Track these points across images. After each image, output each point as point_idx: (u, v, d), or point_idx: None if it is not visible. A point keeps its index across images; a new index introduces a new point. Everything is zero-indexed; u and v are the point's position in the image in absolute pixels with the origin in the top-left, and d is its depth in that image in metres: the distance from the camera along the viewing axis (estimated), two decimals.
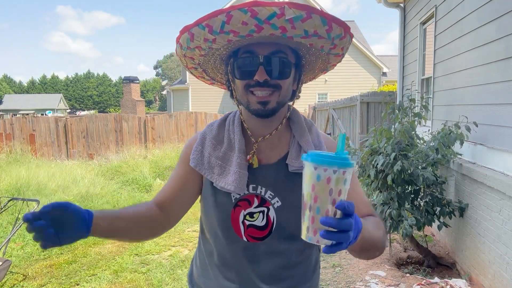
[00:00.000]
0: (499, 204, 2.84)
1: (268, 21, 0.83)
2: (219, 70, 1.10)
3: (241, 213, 1.02)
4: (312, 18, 0.84)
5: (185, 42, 0.94)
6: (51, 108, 42.22)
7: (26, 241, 4.54)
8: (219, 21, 0.84)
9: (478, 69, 3.43)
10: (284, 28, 0.85)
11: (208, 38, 0.89)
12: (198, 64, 1.05)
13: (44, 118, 10.98)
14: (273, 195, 1.02)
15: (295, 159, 1.03)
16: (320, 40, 0.91)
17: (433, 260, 3.65)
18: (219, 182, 1.02)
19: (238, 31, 0.86)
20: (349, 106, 8.17)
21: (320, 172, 0.67)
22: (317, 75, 1.16)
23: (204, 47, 0.94)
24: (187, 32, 0.91)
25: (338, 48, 0.96)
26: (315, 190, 0.68)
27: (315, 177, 0.68)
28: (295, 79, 1.04)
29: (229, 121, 1.10)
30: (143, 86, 57.67)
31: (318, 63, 1.07)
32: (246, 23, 0.83)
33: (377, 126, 3.73)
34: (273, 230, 1.02)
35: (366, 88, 16.06)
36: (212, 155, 1.05)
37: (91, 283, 3.50)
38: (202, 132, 1.10)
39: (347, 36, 0.93)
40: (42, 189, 6.05)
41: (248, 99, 0.98)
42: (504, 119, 2.96)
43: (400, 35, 6.48)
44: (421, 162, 3.48)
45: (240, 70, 0.98)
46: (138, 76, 17.82)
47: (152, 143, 11.33)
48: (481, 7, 3.35)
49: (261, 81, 0.94)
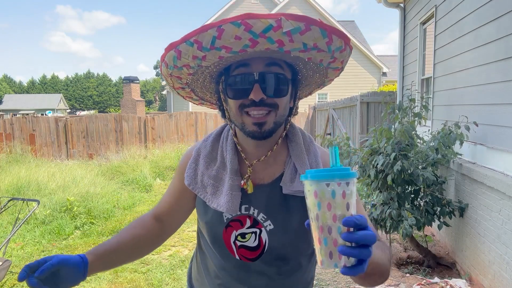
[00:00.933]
0: (499, 204, 2.84)
1: (263, 35, 0.76)
2: (209, 89, 1.03)
3: (232, 233, 0.99)
4: (311, 30, 0.78)
5: (172, 61, 0.86)
6: (51, 108, 42.22)
7: (26, 241, 4.54)
8: (209, 36, 0.77)
9: (478, 69, 3.43)
10: (281, 41, 0.78)
11: (197, 55, 0.82)
12: (186, 83, 0.97)
13: (44, 118, 10.98)
14: (265, 218, 0.98)
15: (290, 182, 0.97)
16: (320, 54, 0.85)
17: (433, 260, 3.65)
18: (211, 203, 0.99)
19: (231, 46, 0.79)
20: (349, 106, 8.17)
21: (335, 187, 0.62)
22: (314, 90, 1.10)
23: (192, 65, 0.86)
24: (174, 49, 0.83)
25: (337, 61, 0.91)
26: (332, 208, 0.62)
27: (329, 195, 0.62)
28: (292, 96, 0.97)
29: (224, 136, 1.05)
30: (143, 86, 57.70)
31: (315, 77, 1.01)
32: (240, 37, 0.76)
33: (377, 126, 3.73)
34: (264, 252, 0.99)
35: (366, 88, 16.06)
36: (205, 174, 1.02)
37: (91, 283, 3.50)
38: (197, 148, 1.06)
39: (347, 49, 0.88)
40: (42, 189, 6.05)
41: (243, 120, 0.92)
42: (504, 119, 2.96)
43: (400, 35, 6.48)
44: (421, 162, 3.48)
45: (233, 89, 0.90)
46: (138, 76, 17.84)
47: (152, 143, 11.33)
48: (481, 7, 3.35)
49: (257, 101, 0.87)
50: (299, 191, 0.96)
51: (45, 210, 5.21)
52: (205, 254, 1.10)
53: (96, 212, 5.42)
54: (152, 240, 1.11)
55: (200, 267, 1.13)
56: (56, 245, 4.46)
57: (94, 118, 11.22)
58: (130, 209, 5.94)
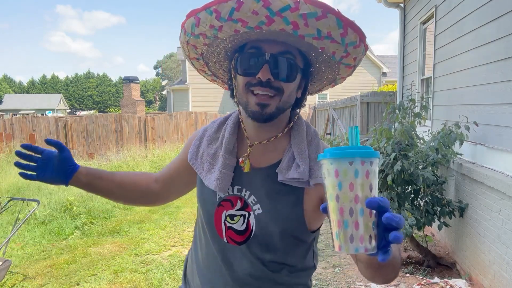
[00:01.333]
0: (499, 204, 2.85)
1: (280, 14, 0.78)
2: (222, 66, 1.05)
3: (223, 213, 1.00)
4: (327, 18, 0.79)
5: (190, 28, 0.89)
6: (51, 108, 42.23)
7: (26, 241, 4.54)
8: (228, 7, 0.80)
9: (478, 69, 3.43)
10: (296, 24, 0.79)
11: (214, 25, 0.84)
12: (201, 54, 1.00)
13: (44, 118, 10.98)
14: (255, 201, 0.98)
15: (286, 170, 0.95)
16: (333, 45, 0.85)
17: (433, 260, 3.65)
18: (205, 180, 1.02)
19: (247, 20, 0.81)
20: (349, 106, 8.17)
21: (358, 166, 0.57)
22: (325, 86, 1.10)
23: (209, 35, 0.88)
24: (194, 16, 0.86)
25: (350, 57, 0.90)
26: (354, 189, 0.58)
27: (352, 173, 0.57)
28: (300, 86, 0.98)
29: (230, 119, 1.08)
30: (143, 86, 57.70)
31: (327, 72, 1.01)
32: (257, 12, 0.78)
33: (377, 126, 3.73)
34: (251, 237, 0.98)
35: (366, 88, 16.07)
36: (205, 152, 1.05)
37: (91, 283, 3.50)
38: (205, 127, 1.11)
39: (362, 46, 0.87)
40: (42, 189, 6.05)
41: (247, 98, 0.93)
42: (504, 119, 2.96)
43: (400, 35, 6.49)
44: (421, 162, 3.48)
45: (243, 66, 0.92)
46: (138, 76, 17.86)
47: (152, 143, 11.34)
48: (481, 7, 3.35)
49: (263, 80, 0.89)
50: (293, 180, 0.94)
51: (45, 210, 5.21)
52: (197, 240, 1.11)
53: (96, 212, 5.43)
54: (146, 196, 1.18)
55: (193, 255, 1.14)
56: (56, 245, 4.46)
57: (94, 118, 11.22)
58: (130, 209, 5.94)
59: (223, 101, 20.50)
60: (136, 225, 5.17)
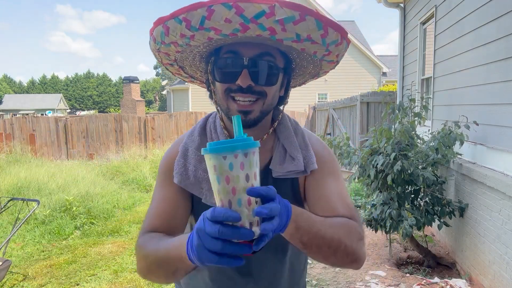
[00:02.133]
0: (499, 204, 2.84)
1: (255, 20, 0.72)
2: (199, 68, 0.99)
3: None
4: (306, 20, 0.74)
5: (159, 36, 0.82)
6: (51, 108, 42.23)
7: (26, 241, 4.54)
8: (198, 16, 0.73)
9: (478, 69, 3.43)
10: (273, 29, 0.74)
11: (185, 34, 0.78)
12: (175, 60, 0.93)
13: (44, 118, 10.98)
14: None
15: (279, 164, 0.94)
16: (314, 46, 0.82)
17: (433, 260, 3.65)
18: (209, 198, 0.91)
19: (220, 29, 0.75)
20: (349, 106, 8.17)
21: (231, 159, 0.59)
22: (308, 80, 1.06)
23: (180, 43, 0.82)
24: (162, 25, 0.79)
25: (332, 55, 0.87)
26: (230, 181, 0.59)
27: (226, 167, 0.59)
28: (283, 85, 0.94)
29: (210, 127, 0.99)
30: (143, 86, 57.70)
31: (309, 68, 0.97)
32: (230, 20, 0.72)
33: (377, 126, 3.73)
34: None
35: (366, 88, 16.06)
36: (198, 168, 0.93)
37: (91, 283, 3.50)
38: (184, 143, 0.97)
39: (344, 43, 0.84)
40: (42, 189, 6.05)
41: (228, 105, 0.88)
42: (504, 119, 2.96)
43: (400, 35, 6.48)
44: (421, 162, 3.48)
45: (221, 72, 0.86)
46: (138, 76, 17.85)
47: (152, 143, 11.33)
48: (481, 7, 3.35)
49: (244, 87, 0.83)
50: (290, 172, 0.94)
51: (45, 210, 5.21)
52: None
53: (96, 212, 5.43)
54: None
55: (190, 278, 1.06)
56: (56, 245, 4.46)
57: (94, 118, 11.22)
58: (130, 209, 5.94)
59: None
60: (136, 225, 5.16)
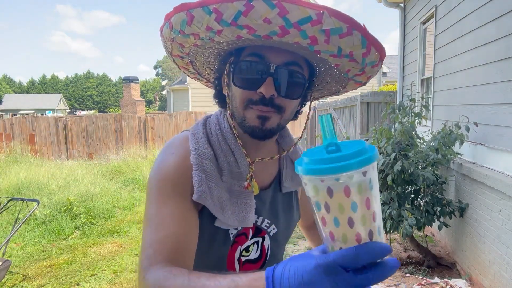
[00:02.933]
0: (499, 204, 2.84)
1: (298, 26, 0.63)
2: (211, 65, 0.89)
3: (237, 249, 0.87)
4: (352, 35, 0.66)
5: (179, 24, 0.70)
6: (51, 108, 42.23)
7: (26, 241, 4.54)
8: (233, 9, 0.63)
9: (478, 69, 3.43)
10: (316, 39, 0.65)
11: (212, 27, 0.67)
12: (187, 54, 0.82)
13: (44, 118, 10.98)
14: (269, 223, 0.90)
15: (292, 180, 0.91)
16: (350, 64, 0.73)
17: (433, 260, 3.65)
18: (227, 220, 0.80)
19: (256, 28, 0.65)
20: (349, 106, 8.16)
21: (371, 173, 0.45)
22: (322, 97, 0.98)
23: (202, 36, 0.71)
24: (185, 12, 0.68)
25: (364, 76, 0.79)
26: (371, 205, 0.46)
27: (367, 186, 0.45)
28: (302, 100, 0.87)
29: (218, 137, 0.85)
30: (143, 86, 57.69)
31: (332, 84, 0.88)
32: (270, 21, 0.63)
33: (377, 126, 3.73)
34: (267, 260, 0.92)
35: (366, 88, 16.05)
36: (218, 186, 0.80)
37: (91, 283, 3.49)
38: (195, 155, 0.80)
39: (379, 65, 0.76)
40: (42, 189, 6.05)
41: (245, 114, 0.78)
42: (504, 119, 2.96)
43: (400, 35, 6.49)
44: (421, 162, 3.48)
45: (242, 77, 0.77)
46: (138, 76, 17.83)
47: (152, 143, 11.33)
48: (481, 7, 3.35)
49: (267, 97, 0.74)
50: (298, 185, 0.95)
51: (45, 210, 5.20)
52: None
53: (96, 212, 5.42)
54: None
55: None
56: (56, 245, 4.46)
57: (94, 118, 11.22)
58: (130, 209, 5.94)
59: None
60: (136, 225, 5.16)
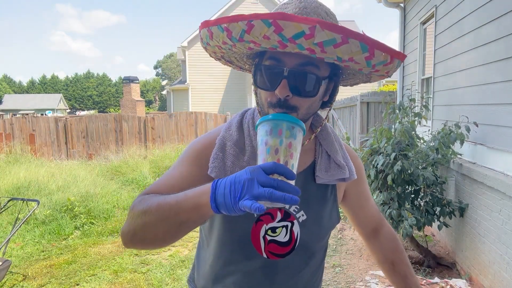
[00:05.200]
0: (499, 204, 2.84)
1: (293, 41, 0.70)
2: (246, 62, 0.98)
3: (262, 227, 0.93)
4: (348, 43, 0.70)
5: (205, 38, 0.84)
6: (51, 108, 42.23)
7: (26, 241, 4.54)
8: (239, 28, 0.74)
9: (478, 69, 3.43)
10: (313, 50, 0.72)
11: (227, 42, 0.79)
12: (222, 57, 0.94)
13: (44, 118, 10.98)
14: (298, 209, 0.94)
15: (326, 171, 0.95)
16: (358, 65, 0.78)
17: (433, 260, 3.65)
18: None
19: (259, 43, 0.75)
20: (349, 106, 8.16)
21: (295, 130, 0.71)
22: (359, 83, 1.01)
23: (223, 47, 0.83)
24: (207, 28, 0.81)
25: (381, 72, 0.83)
26: (292, 147, 0.70)
27: (290, 135, 0.70)
28: (327, 91, 0.91)
29: (248, 124, 0.96)
30: (143, 86, 57.69)
31: (358, 76, 0.94)
32: (268, 37, 0.71)
33: (377, 126, 3.73)
34: (296, 246, 0.95)
35: (366, 88, 16.05)
36: (236, 165, 0.91)
37: (91, 283, 3.49)
38: (220, 137, 0.95)
39: (394, 61, 0.78)
40: (42, 189, 6.04)
41: (268, 111, 0.88)
42: (504, 119, 2.96)
43: (400, 35, 6.48)
44: (421, 162, 3.48)
45: (261, 79, 0.86)
46: (138, 76, 17.82)
47: (152, 143, 11.33)
48: (481, 7, 3.35)
49: (281, 98, 0.82)
50: (335, 179, 0.97)
51: (45, 210, 5.20)
52: (219, 258, 0.98)
53: (96, 212, 5.42)
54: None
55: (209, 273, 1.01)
56: (56, 245, 4.46)
57: (94, 118, 11.22)
58: None
59: (222, 101, 20.49)
60: None
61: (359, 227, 1.18)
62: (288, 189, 0.63)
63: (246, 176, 0.65)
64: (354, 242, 4.34)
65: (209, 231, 1.00)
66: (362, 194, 1.11)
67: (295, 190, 0.64)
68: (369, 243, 1.20)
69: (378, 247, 1.18)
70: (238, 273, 0.96)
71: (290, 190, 0.64)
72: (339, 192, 1.04)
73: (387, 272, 1.17)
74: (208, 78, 20.04)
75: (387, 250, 1.17)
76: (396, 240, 1.18)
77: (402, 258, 1.15)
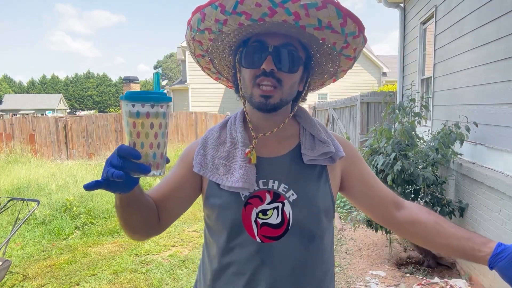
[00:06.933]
0: (499, 204, 2.84)
1: (282, 5, 0.82)
2: (227, 62, 1.08)
3: (252, 211, 0.95)
4: (327, 8, 0.84)
5: (196, 23, 0.93)
6: (51, 108, 42.23)
7: (26, 241, 4.54)
8: (232, 1, 0.84)
9: (478, 69, 3.43)
10: (298, 14, 0.84)
11: (219, 19, 0.88)
12: (206, 51, 1.03)
13: (44, 118, 10.98)
14: (287, 188, 0.96)
15: (311, 149, 1.00)
16: (333, 35, 0.90)
17: (433, 260, 3.65)
18: (226, 182, 0.96)
19: (251, 13, 0.85)
20: (349, 106, 8.16)
21: (138, 108, 0.72)
22: (326, 81, 1.14)
23: (214, 29, 0.92)
24: (199, 12, 0.90)
25: (350, 48, 0.95)
26: (136, 126, 0.73)
27: (134, 114, 0.73)
28: (302, 79, 1.02)
29: (231, 122, 1.07)
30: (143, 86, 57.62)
31: (328, 65, 1.05)
32: (260, 4, 0.83)
33: (377, 126, 3.73)
34: (289, 227, 0.95)
35: (366, 88, 16.06)
36: (215, 157, 1.01)
37: (91, 283, 3.50)
38: (203, 136, 1.07)
39: (361, 37, 0.92)
40: (42, 189, 6.05)
41: (252, 91, 0.96)
42: (504, 119, 2.96)
43: (400, 35, 6.48)
44: (421, 162, 3.48)
45: (248, 58, 0.96)
46: (138, 76, 17.82)
47: None
48: (481, 7, 3.35)
49: (267, 71, 0.92)
50: (322, 155, 1.00)
51: (45, 210, 5.21)
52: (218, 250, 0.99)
53: (96, 212, 5.43)
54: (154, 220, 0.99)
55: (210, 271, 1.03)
56: (56, 245, 4.46)
57: (94, 118, 11.22)
58: None
59: (222, 101, 20.50)
60: None
61: (380, 208, 1.06)
62: (116, 166, 0.71)
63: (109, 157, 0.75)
64: (354, 242, 4.34)
65: (207, 228, 1.05)
66: (366, 173, 1.07)
67: (122, 167, 0.72)
68: (399, 218, 1.05)
69: (409, 214, 1.05)
70: (236, 263, 0.97)
71: (118, 166, 0.71)
72: (332, 175, 1.02)
73: (438, 234, 1.00)
74: (208, 78, 19.70)
75: (423, 213, 1.04)
76: (422, 206, 1.08)
77: (441, 217, 1.05)
